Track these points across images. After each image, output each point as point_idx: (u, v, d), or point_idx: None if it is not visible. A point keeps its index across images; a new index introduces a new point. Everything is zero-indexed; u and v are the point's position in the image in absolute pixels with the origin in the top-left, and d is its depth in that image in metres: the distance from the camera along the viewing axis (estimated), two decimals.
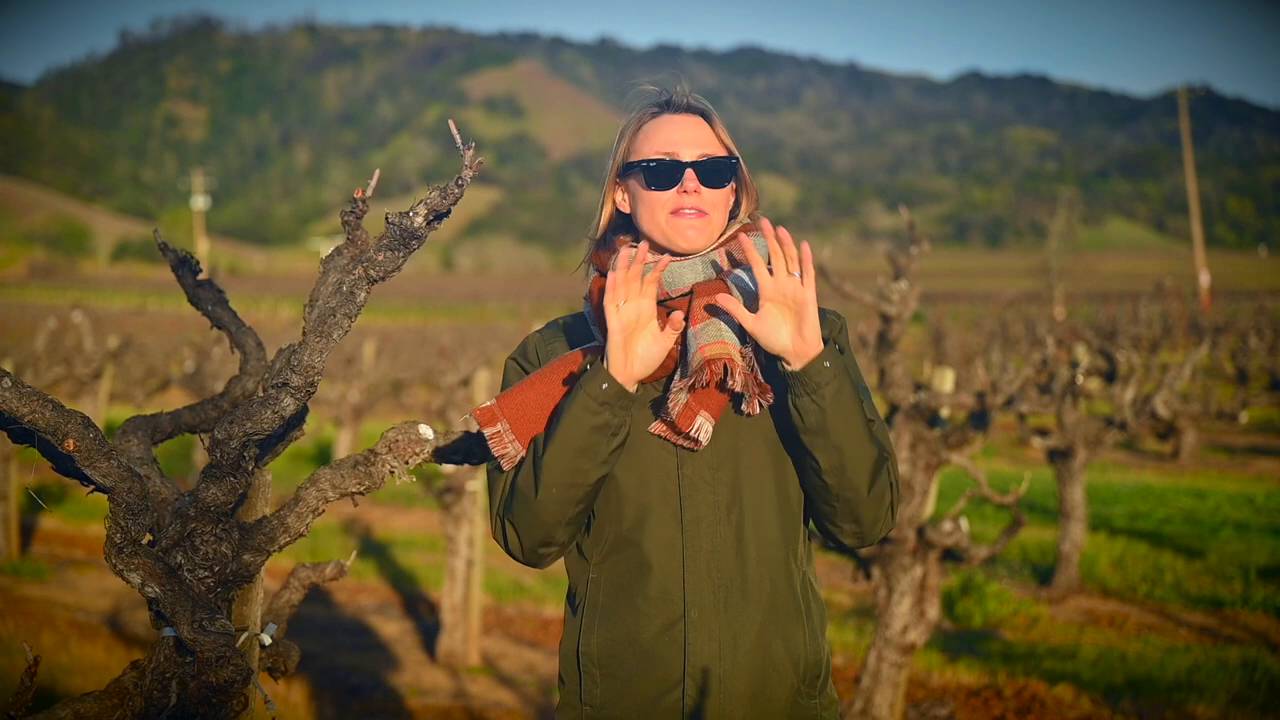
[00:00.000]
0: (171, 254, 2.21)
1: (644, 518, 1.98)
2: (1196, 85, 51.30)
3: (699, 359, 1.93)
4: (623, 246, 2.02)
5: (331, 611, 7.69)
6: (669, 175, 2.04)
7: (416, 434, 1.93)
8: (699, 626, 1.95)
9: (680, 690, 1.94)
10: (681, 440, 1.96)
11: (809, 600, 2.03)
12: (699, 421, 1.94)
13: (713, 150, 2.06)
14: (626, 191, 2.11)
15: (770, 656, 1.96)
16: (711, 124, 2.09)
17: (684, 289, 2.01)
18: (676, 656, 1.95)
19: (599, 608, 2.00)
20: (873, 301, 4.45)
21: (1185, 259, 67.97)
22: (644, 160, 2.06)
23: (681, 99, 2.10)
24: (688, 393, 1.95)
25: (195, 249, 51.63)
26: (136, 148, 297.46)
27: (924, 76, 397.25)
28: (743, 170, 2.11)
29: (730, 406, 1.99)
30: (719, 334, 1.94)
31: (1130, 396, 7.77)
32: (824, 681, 2.03)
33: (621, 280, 1.92)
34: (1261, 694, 5.58)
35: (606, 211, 2.13)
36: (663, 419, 1.96)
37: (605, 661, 1.98)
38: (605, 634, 1.98)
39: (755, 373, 1.96)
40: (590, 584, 2.02)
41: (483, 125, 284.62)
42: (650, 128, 2.09)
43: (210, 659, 1.60)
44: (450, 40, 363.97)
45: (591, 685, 1.99)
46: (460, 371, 9.17)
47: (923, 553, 4.43)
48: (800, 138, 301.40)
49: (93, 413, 13.40)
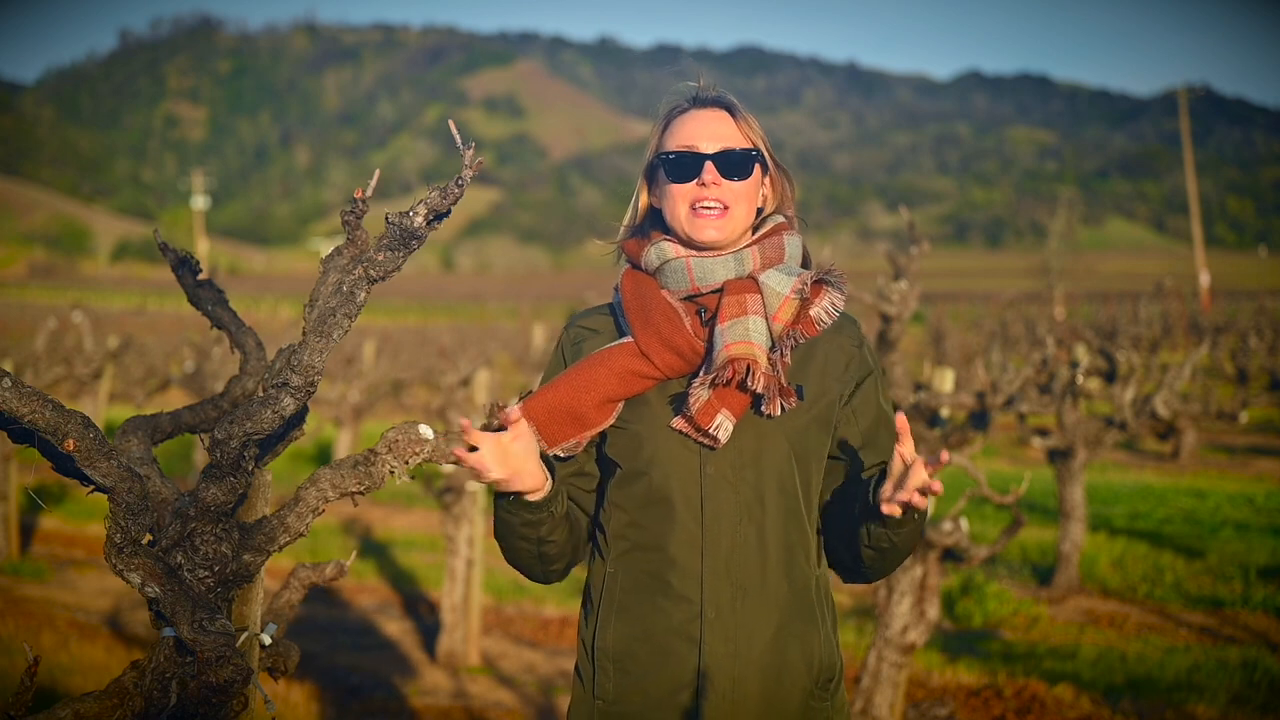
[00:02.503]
0: (171, 254, 2.21)
1: (665, 515, 1.99)
2: (1196, 85, 51.34)
3: (723, 357, 1.93)
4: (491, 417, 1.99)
5: (331, 611, 7.69)
6: (689, 167, 2.04)
7: (416, 434, 1.92)
8: (715, 625, 1.95)
9: (693, 688, 1.95)
10: (701, 437, 1.97)
11: (823, 603, 2.04)
12: (719, 419, 1.94)
13: (734, 143, 2.06)
14: (656, 186, 2.12)
15: (785, 658, 1.97)
16: (736, 117, 2.09)
17: (715, 285, 2.01)
18: (691, 654, 1.95)
19: (615, 603, 2.01)
20: (873, 301, 4.45)
21: (1185, 259, 67.94)
22: (666, 153, 2.07)
23: (706, 93, 2.11)
24: (709, 390, 1.95)
25: (195, 249, 51.63)
26: (136, 148, 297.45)
27: (924, 76, 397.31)
28: (770, 162, 2.11)
29: (755, 408, 1.99)
30: (745, 333, 1.94)
31: (1130, 396, 7.77)
32: (836, 684, 2.03)
33: (475, 463, 1.86)
34: (1261, 694, 5.58)
35: (641, 204, 2.15)
36: (683, 415, 1.97)
37: (620, 656, 1.99)
38: (621, 629, 1.99)
39: (779, 375, 1.96)
40: (608, 579, 2.03)
41: (483, 125, 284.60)
42: (677, 123, 2.09)
43: (210, 659, 1.60)
44: (450, 40, 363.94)
45: (605, 679, 2.00)
46: (460, 371, 9.16)
47: (923, 553, 4.44)
48: (800, 138, 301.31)
49: (93, 413, 13.41)
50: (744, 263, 2.01)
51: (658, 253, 2.05)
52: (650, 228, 2.12)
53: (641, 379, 1.99)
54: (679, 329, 1.99)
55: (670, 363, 1.99)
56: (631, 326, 2.02)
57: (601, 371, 1.98)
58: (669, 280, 2.03)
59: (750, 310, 1.97)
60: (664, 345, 1.98)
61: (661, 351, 1.98)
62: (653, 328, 1.99)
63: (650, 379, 2.00)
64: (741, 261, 2.01)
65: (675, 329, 1.99)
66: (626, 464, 2.02)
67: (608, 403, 1.99)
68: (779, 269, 2.01)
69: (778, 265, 2.02)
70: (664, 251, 2.04)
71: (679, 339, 1.98)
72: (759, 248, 2.03)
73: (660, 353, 1.98)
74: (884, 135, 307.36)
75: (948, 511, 4.91)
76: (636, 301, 2.04)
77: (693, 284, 2.01)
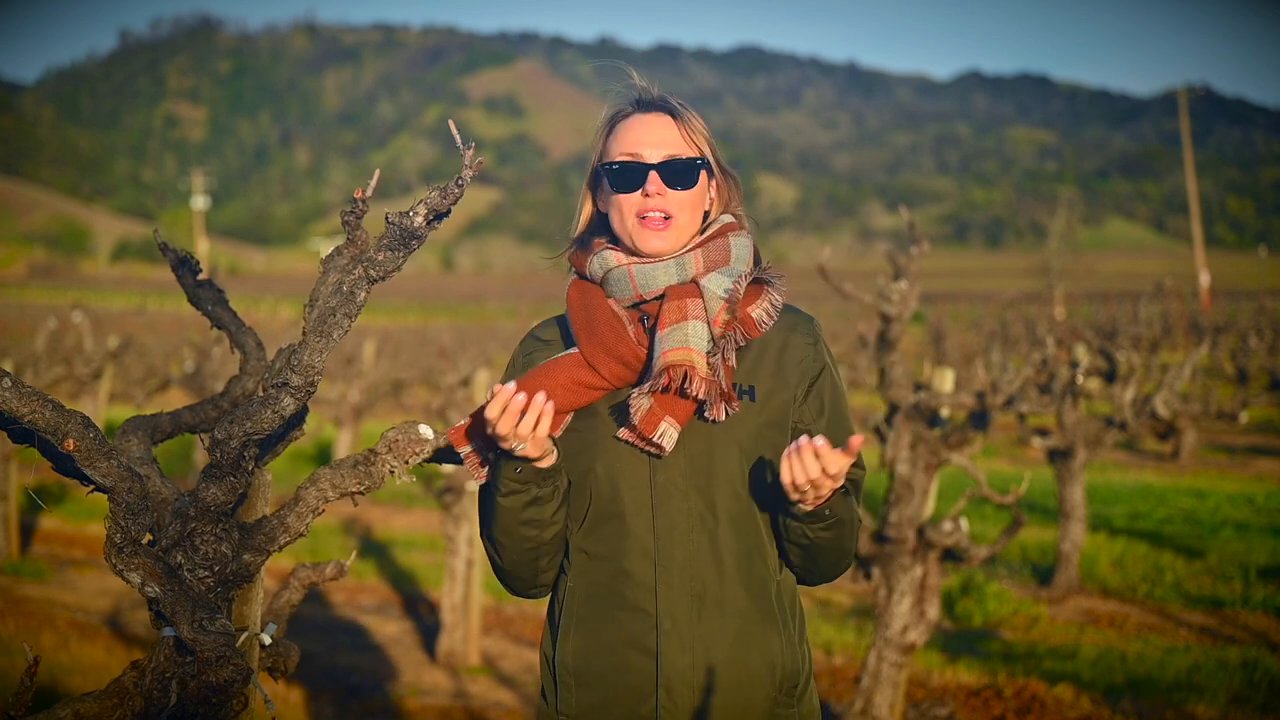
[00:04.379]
0: (171, 254, 2.21)
1: (617, 527, 1.97)
2: (1196, 85, 51.30)
3: (660, 364, 1.91)
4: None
5: (331, 611, 7.69)
6: (633, 177, 2.02)
7: (416, 434, 1.93)
8: (671, 636, 1.93)
9: (654, 701, 1.93)
10: (647, 446, 1.94)
11: (785, 608, 2.01)
12: (663, 427, 1.92)
13: (679, 151, 2.04)
14: (601, 194, 2.10)
15: (745, 666, 1.95)
16: (680, 122, 2.06)
17: (658, 291, 1.99)
18: (649, 667, 1.94)
19: (575, 616, 1.99)
20: (873, 301, 4.45)
21: (1185, 259, 67.96)
22: (609, 162, 2.05)
23: (648, 96, 2.08)
24: (649, 398, 1.93)
25: (195, 249, 51.64)
26: (136, 148, 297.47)
27: (924, 76, 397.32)
28: (715, 168, 2.08)
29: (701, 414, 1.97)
30: (684, 339, 1.92)
31: (1130, 396, 7.77)
32: (803, 689, 2.01)
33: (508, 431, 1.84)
34: (1261, 694, 5.58)
35: (586, 212, 2.12)
36: (627, 425, 1.95)
37: (580, 671, 1.97)
38: (580, 643, 1.98)
39: (720, 380, 1.94)
40: (567, 593, 2.01)
41: (483, 125, 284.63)
42: (621, 128, 2.07)
43: (210, 659, 1.60)
44: (450, 40, 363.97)
45: (567, 694, 1.98)
46: (460, 371, 9.17)
47: (923, 553, 4.43)
48: (800, 138, 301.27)
49: (93, 413, 13.40)
50: (686, 267, 1.99)
51: (600, 262, 2.03)
52: (597, 234, 2.10)
53: (589, 390, 1.97)
54: (622, 338, 1.96)
55: (616, 372, 1.97)
56: (577, 337, 2.00)
57: (549, 383, 1.95)
58: (613, 289, 2.01)
59: (691, 315, 1.94)
60: (608, 355, 1.96)
61: (607, 361, 1.96)
62: (597, 338, 1.97)
63: (598, 389, 1.97)
64: (683, 266, 1.99)
65: (619, 338, 1.96)
66: (578, 476, 2.00)
67: (557, 414, 1.96)
68: (721, 272, 1.99)
69: (721, 268, 2.00)
70: (606, 260, 2.02)
71: (622, 348, 1.96)
72: (702, 251, 2.01)
73: (605, 363, 1.96)
74: (884, 135, 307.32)
75: (948, 511, 4.91)
76: (582, 313, 2.02)
77: (636, 291, 1.99)
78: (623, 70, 2.12)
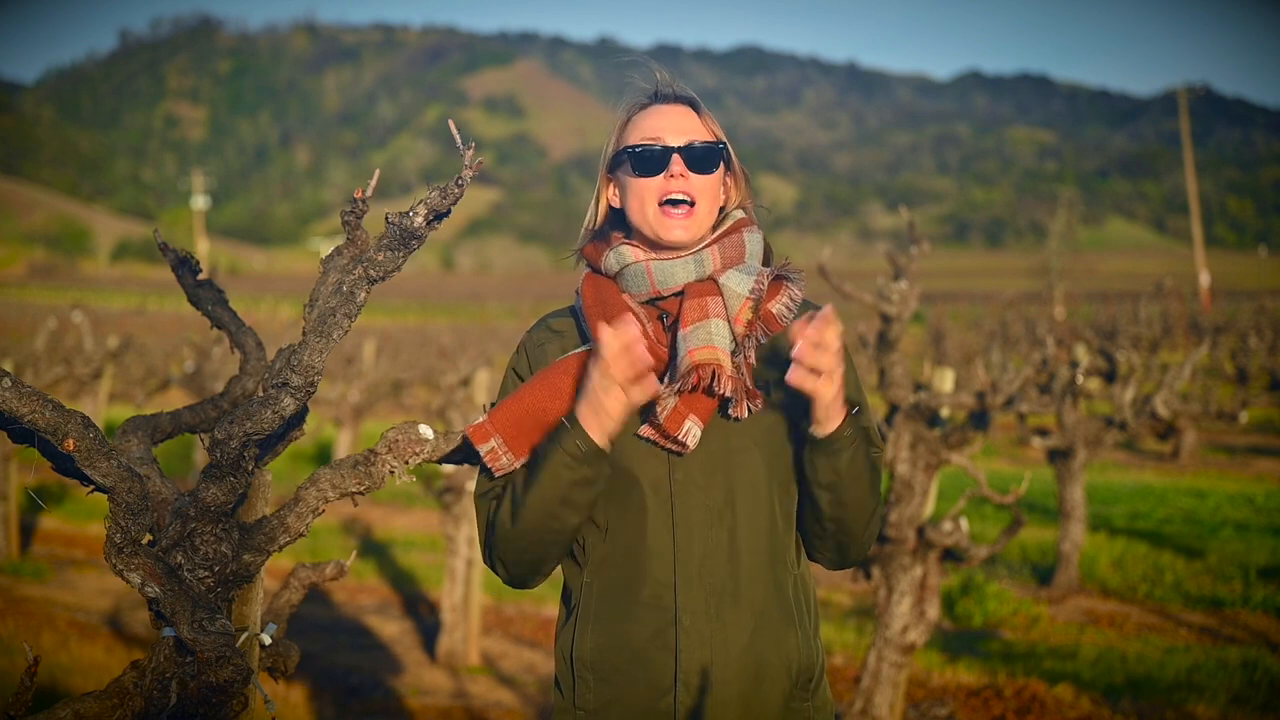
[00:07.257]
0: (171, 254, 2.21)
1: (636, 523, 1.97)
2: (1196, 85, 51.24)
3: (687, 363, 1.91)
4: (622, 315, 1.95)
5: (331, 611, 7.69)
6: (656, 160, 2.01)
7: (416, 434, 1.92)
8: (690, 632, 1.94)
9: (672, 695, 1.94)
10: (669, 444, 1.94)
11: (802, 603, 2.02)
12: (687, 425, 1.92)
13: (700, 137, 2.04)
14: (617, 185, 2.09)
15: (762, 661, 1.95)
16: (699, 113, 2.07)
17: (675, 287, 1.99)
18: (668, 662, 1.94)
19: (592, 612, 1.99)
20: (873, 301, 4.45)
21: (1185, 259, 67.97)
22: (630, 146, 2.04)
23: (668, 89, 2.09)
24: (675, 397, 1.93)
25: (195, 249, 51.61)
26: (136, 148, 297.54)
27: (924, 76, 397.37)
28: (732, 158, 2.09)
29: (722, 411, 1.97)
30: (709, 338, 1.92)
31: (1130, 396, 7.77)
32: (817, 683, 2.02)
33: (625, 369, 1.84)
34: (1261, 694, 5.58)
35: (602, 206, 2.11)
36: (651, 423, 1.94)
37: (598, 666, 1.97)
38: (598, 638, 1.97)
39: (744, 378, 1.95)
40: (584, 588, 2.01)
41: (483, 125, 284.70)
42: (640, 117, 2.07)
43: (210, 659, 1.60)
44: (450, 40, 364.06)
45: (585, 689, 1.98)
46: (460, 371, 9.15)
47: (923, 553, 4.44)
48: (800, 138, 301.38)
49: (93, 413, 13.41)
50: (704, 264, 1.99)
51: (617, 257, 2.02)
52: (611, 229, 2.10)
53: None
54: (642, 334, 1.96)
55: None
56: (594, 332, 1.99)
57: (568, 379, 1.95)
58: (629, 284, 2.01)
59: (712, 313, 1.94)
60: None
61: None
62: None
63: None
64: (701, 263, 1.99)
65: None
66: None
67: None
68: (739, 269, 1.99)
69: (738, 265, 2.00)
70: (623, 256, 2.01)
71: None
72: (719, 247, 2.01)
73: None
74: (884, 135, 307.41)
75: (948, 511, 4.91)
76: (597, 307, 2.01)
77: (653, 287, 1.99)
78: (646, 65, 2.11)
